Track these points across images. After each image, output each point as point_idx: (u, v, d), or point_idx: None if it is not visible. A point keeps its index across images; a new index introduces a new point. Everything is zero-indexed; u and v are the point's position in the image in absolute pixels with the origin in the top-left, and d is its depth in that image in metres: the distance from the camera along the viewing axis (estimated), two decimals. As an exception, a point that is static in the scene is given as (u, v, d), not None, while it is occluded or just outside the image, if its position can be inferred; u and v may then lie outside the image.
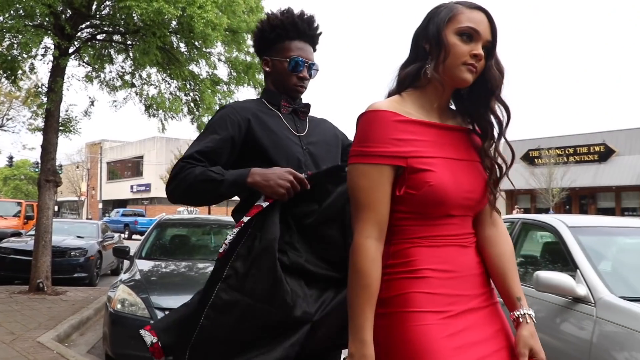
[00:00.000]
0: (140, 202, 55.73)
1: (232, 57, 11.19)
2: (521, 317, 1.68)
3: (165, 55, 10.34)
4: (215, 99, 11.15)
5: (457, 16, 1.68)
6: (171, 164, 46.45)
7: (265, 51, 2.37)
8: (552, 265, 4.15)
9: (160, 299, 5.19)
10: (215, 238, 7.60)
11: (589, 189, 30.24)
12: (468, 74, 1.66)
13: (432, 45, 1.68)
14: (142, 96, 11.44)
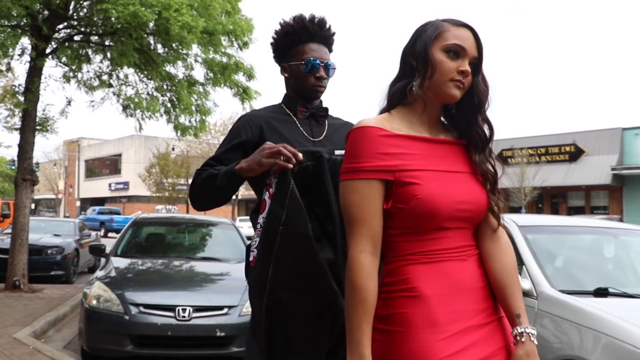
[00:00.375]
0: (119, 200, 55.39)
1: (208, 59, 11.32)
2: (518, 336, 1.65)
3: (143, 57, 10.45)
4: (192, 99, 11.29)
5: (444, 33, 1.70)
6: (149, 162, 46.33)
7: (282, 59, 2.43)
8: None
9: (135, 295, 5.37)
10: (191, 236, 7.77)
11: (560, 188, 30.85)
12: (456, 90, 1.69)
13: (419, 62, 1.71)
14: (119, 96, 11.53)
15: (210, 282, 6.02)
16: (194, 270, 6.39)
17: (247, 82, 11.47)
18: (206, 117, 11.80)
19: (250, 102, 11.97)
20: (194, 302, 5.29)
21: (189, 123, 12.03)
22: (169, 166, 44.03)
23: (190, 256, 7.01)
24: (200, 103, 11.57)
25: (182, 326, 5.14)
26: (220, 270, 6.38)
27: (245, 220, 39.21)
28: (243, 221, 38.80)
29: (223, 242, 7.32)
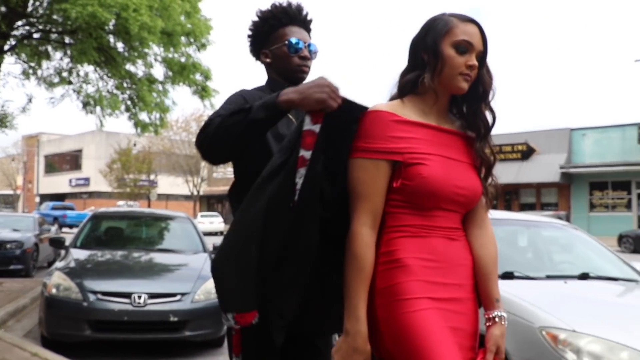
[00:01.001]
0: (79, 196, 54.74)
1: (167, 57, 11.62)
2: (497, 318, 1.84)
3: (103, 55, 10.69)
4: (152, 97, 11.58)
5: (453, 29, 1.81)
6: (111, 158, 45.95)
7: (262, 46, 2.38)
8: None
9: (93, 283, 5.71)
10: (148, 229, 8.11)
11: (513, 185, 31.78)
12: (464, 82, 1.81)
13: (430, 57, 1.82)
14: (79, 93, 11.74)
15: (165, 272, 6.39)
16: (151, 260, 6.75)
17: (205, 82, 11.82)
18: (165, 115, 12.11)
19: (210, 99, 12.33)
20: (149, 290, 5.66)
21: (149, 120, 12.32)
22: (130, 162, 43.76)
23: (148, 248, 7.36)
24: (160, 101, 11.86)
25: (137, 312, 5.51)
26: (175, 260, 6.75)
27: (207, 216, 39.33)
28: (205, 217, 38.91)
29: (179, 235, 7.69)
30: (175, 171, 45.06)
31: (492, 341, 1.80)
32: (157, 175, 47.04)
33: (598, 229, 29.86)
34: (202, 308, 5.77)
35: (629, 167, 28.55)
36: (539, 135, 30.81)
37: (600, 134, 30.69)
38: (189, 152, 44.28)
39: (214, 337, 5.98)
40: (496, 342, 1.80)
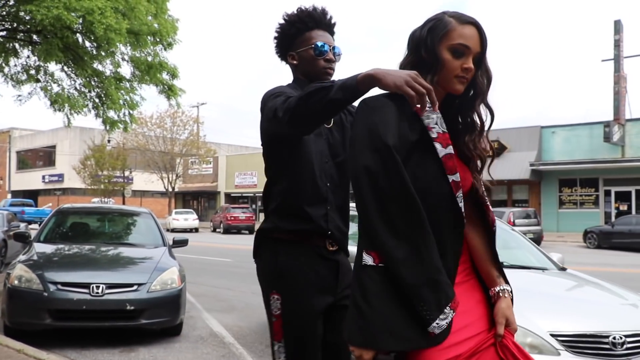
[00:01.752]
0: (53, 193, 54.38)
1: (135, 56, 11.84)
2: (501, 292, 1.89)
3: (70, 53, 10.88)
4: (119, 95, 11.79)
5: (450, 33, 1.82)
6: (84, 154, 45.71)
7: (289, 49, 2.50)
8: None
9: (53, 274, 5.97)
10: (111, 224, 8.36)
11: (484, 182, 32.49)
12: (459, 85, 1.85)
13: (428, 58, 1.85)
14: (47, 91, 11.90)
15: (124, 264, 6.67)
16: (111, 253, 7.01)
17: (171, 81, 12.05)
18: (133, 112, 12.32)
19: (176, 98, 12.57)
20: (107, 280, 5.95)
21: (117, 117, 12.52)
22: (104, 158, 43.59)
23: (110, 242, 7.62)
24: (128, 99, 12.08)
25: (95, 301, 5.80)
26: (135, 254, 7.02)
27: (181, 213, 39.33)
28: (179, 214, 38.91)
29: (141, 230, 7.97)
30: (150, 168, 44.99)
31: (500, 313, 1.86)
32: (131, 171, 46.92)
33: (567, 225, 30.67)
34: (158, 297, 6.08)
35: (597, 165, 29.33)
36: (510, 133, 31.39)
37: (569, 131, 31.46)
38: (163, 148, 44.25)
39: (170, 325, 6.29)
40: (504, 314, 1.86)
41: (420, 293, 1.65)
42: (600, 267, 15.13)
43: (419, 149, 1.78)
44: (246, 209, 37.57)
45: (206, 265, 15.64)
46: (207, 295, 9.83)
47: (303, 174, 2.35)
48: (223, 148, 63.85)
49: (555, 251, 21.26)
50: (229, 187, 48.64)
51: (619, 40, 28.72)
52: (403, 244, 1.67)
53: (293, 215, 2.35)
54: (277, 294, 2.32)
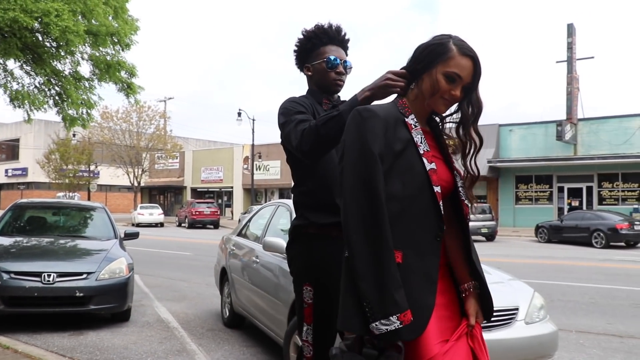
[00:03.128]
0: (16, 187, 53.84)
1: (94, 55, 12.15)
2: (472, 288, 2.03)
3: (29, 52, 11.18)
4: (78, 93, 12.10)
5: (449, 60, 1.94)
6: (49, 148, 45.38)
7: (305, 61, 2.76)
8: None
9: (7, 264, 6.40)
10: (66, 218, 8.77)
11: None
12: (443, 106, 2.00)
13: (426, 70, 1.99)
14: (7, 88, 12.16)
15: (75, 254, 7.10)
16: (64, 245, 7.44)
17: (130, 79, 12.41)
18: (92, 110, 12.66)
19: (135, 96, 12.93)
20: (58, 269, 6.41)
21: (77, 115, 12.83)
22: (69, 152, 43.34)
23: (64, 234, 8.04)
24: (86, 98, 12.39)
25: (46, 288, 6.27)
26: (87, 245, 7.48)
27: (146, 207, 39.38)
28: (144, 208, 38.96)
29: (94, 223, 8.41)
30: (116, 162, 44.90)
31: (472, 307, 2.02)
32: (97, 166, 46.75)
33: (523, 220, 31.72)
34: (107, 285, 6.58)
35: (551, 162, 30.39)
36: (468, 130, 32.15)
37: (525, 130, 32.43)
38: (129, 142, 44.20)
39: (118, 310, 6.79)
40: (475, 307, 2.02)
41: (366, 291, 1.77)
42: (540, 260, 16.03)
43: (405, 158, 1.93)
44: (211, 203, 37.86)
45: (166, 258, 16.08)
46: (161, 286, 10.31)
47: (327, 174, 2.57)
48: (191, 143, 63.82)
49: (509, 245, 22.16)
50: (195, 182, 48.83)
51: (572, 43, 29.77)
52: (366, 243, 1.81)
53: (323, 209, 2.57)
54: (309, 286, 2.57)
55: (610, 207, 27.48)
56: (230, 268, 6.76)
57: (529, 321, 4.21)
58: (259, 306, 5.59)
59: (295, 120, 2.42)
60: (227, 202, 47.75)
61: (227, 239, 7.42)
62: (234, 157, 46.07)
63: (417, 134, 1.98)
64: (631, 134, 28.63)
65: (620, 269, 13.83)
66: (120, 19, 12.11)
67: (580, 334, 6.78)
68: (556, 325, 4.54)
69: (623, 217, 22.04)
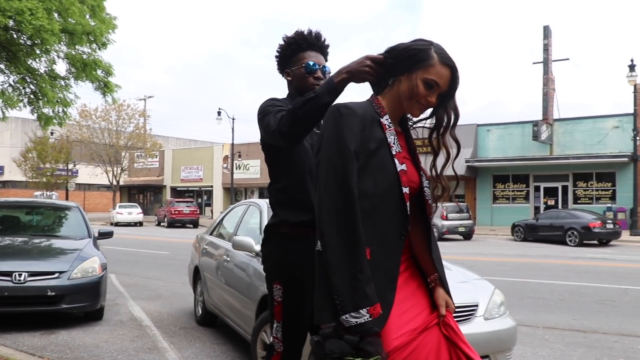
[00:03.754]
0: (-7, 186, 53.14)
1: (70, 54, 12.11)
2: (438, 279, 2.11)
3: (4, 50, 11.12)
4: (54, 92, 12.05)
5: (430, 68, 1.99)
6: (26, 147, 44.88)
7: (285, 67, 2.83)
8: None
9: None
10: (39, 218, 8.75)
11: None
12: (417, 110, 2.05)
13: (403, 75, 2.04)
14: (-21, 86, 12.07)
15: (48, 254, 7.11)
16: (37, 244, 7.44)
17: (107, 78, 12.39)
18: (68, 109, 12.61)
19: (112, 94, 12.91)
20: (29, 269, 6.43)
21: (52, 113, 12.78)
22: (46, 151, 42.90)
23: (37, 234, 8.03)
24: (62, 96, 12.35)
25: (17, 288, 6.28)
26: (60, 245, 7.49)
27: (125, 207, 39.17)
28: (123, 207, 38.74)
29: (68, 223, 8.41)
30: (95, 161, 44.55)
31: (441, 297, 2.09)
32: (75, 164, 46.34)
33: (500, 219, 32.09)
34: (79, 284, 6.60)
35: (527, 162, 30.78)
36: (447, 131, 32.44)
37: (503, 130, 32.82)
38: (108, 141, 43.90)
39: (90, 309, 6.83)
40: (444, 297, 2.09)
41: (338, 283, 1.82)
42: (514, 258, 16.28)
43: (378, 157, 1.99)
44: (190, 203, 37.74)
45: (143, 257, 16.07)
46: (137, 285, 10.34)
47: (301, 171, 2.64)
48: (171, 141, 63.56)
49: (485, 244, 22.40)
50: (175, 181, 48.62)
51: (548, 44, 30.19)
52: (338, 237, 1.85)
53: (296, 207, 2.62)
54: (279, 284, 2.62)
55: (585, 206, 27.94)
56: (203, 267, 6.83)
57: (488, 317, 4.35)
58: (229, 304, 5.67)
59: (275, 111, 2.51)
60: (207, 201, 47.63)
61: (200, 237, 7.49)
62: (214, 156, 45.96)
63: (391, 134, 2.03)
64: (605, 135, 29.13)
65: (590, 267, 14.14)
66: (97, 18, 12.09)
67: (546, 329, 6.95)
68: (515, 321, 4.68)
69: (596, 216, 22.44)
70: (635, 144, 25.99)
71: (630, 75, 26.05)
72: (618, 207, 28.11)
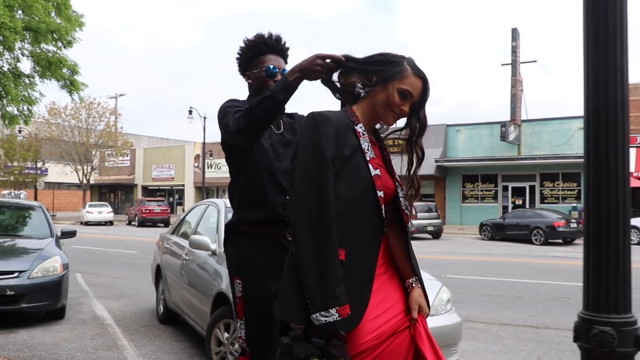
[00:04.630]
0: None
1: (35, 52, 12.02)
2: (414, 283, 2.17)
3: (-34, 48, 11.00)
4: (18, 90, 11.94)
5: (404, 79, 2.10)
6: (-6, 145, 43.99)
7: (246, 69, 2.87)
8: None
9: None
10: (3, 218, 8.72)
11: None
12: (392, 119, 2.14)
13: (378, 84, 2.13)
14: (-58, 84, 11.92)
15: (8, 253, 7.10)
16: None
17: (72, 76, 12.32)
18: (32, 107, 12.51)
19: (78, 93, 12.85)
20: (-12, 268, 6.44)
21: (17, 112, 12.67)
22: (14, 149, 42.16)
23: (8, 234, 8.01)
24: (27, 95, 12.24)
25: (-25, 287, 6.29)
26: (21, 244, 7.48)
27: (95, 205, 38.77)
28: (93, 206, 38.35)
29: (31, 222, 8.40)
30: (65, 159, 43.95)
31: (414, 301, 2.13)
32: (44, 163, 45.67)
33: (469, 218, 32.54)
34: (39, 284, 6.63)
35: (496, 162, 31.24)
36: (417, 130, 32.78)
37: (472, 130, 33.27)
38: (78, 139, 43.37)
39: (51, 308, 6.85)
40: (417, 301, 2.13)
41: (309, 284, 1.89)
42: (479, 257, 16.61)
43: (353, 163, 2.06)
44: (161, 202, 37.53)
45: (110, 257, 16.02)
46: (102, 285, 10.34)
47: (259, 170, 2.70)
48: (144, 140, 63.00)
49: (453, 243, 22.71)
50: (146, 180, 48.26)
51: (516, 46, 30.71)
52: (311, 239, 1.92)
53: (254, 205, 2.69)
54: (239, 279, 2.67)
55: (552, 206, 28.52)
56: (164, 265, 6.90)
57: (434, 313, 4.50)
58: (188, 301, 5.76)
59: (234, 111, 2.55)
60: (178, 200, 47.36)
61: (163, 237, 7.56)
62: (186, 155, 45.73)
63: (365, 141, 2.11)
64: (571, 136, 29.73)
65: (551, 265, 14.51)
66: (62, 16, 12.02)
67: (501, 325, 7.17)
68: (461, 317, 4.85)
69: (561, 215, 22.96)
70: (599, 145, 26.48)
71: (594, 78, 26.56)
72: (582, 207, 28.72)
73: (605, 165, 2.18)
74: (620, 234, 2.18)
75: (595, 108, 2.20)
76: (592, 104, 2.21)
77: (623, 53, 2.19)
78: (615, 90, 2.17)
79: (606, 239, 2.18)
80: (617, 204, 2.16)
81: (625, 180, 2.18)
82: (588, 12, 2.23)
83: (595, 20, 2.20)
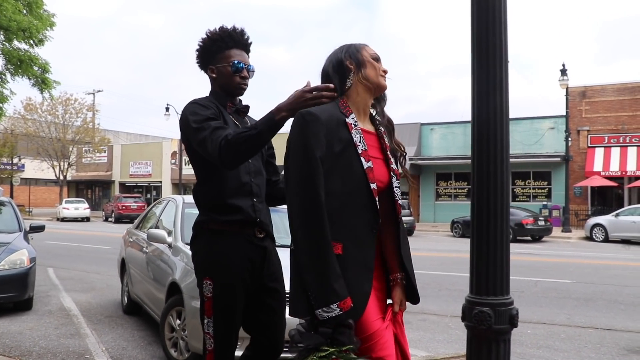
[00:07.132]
0: None
1: (6, 49, 12.15)
2: (399, 278, 2.27)
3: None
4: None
5: (365, 48, 2.26)
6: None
7: (210, 62, 2.79)
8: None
9: None
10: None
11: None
12: (384, 80, 2.24)
13: (354, 64, 2.23)
14: None
15: (-24, 247, 7.33)
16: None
17: (44, 74, 12.47)
18: (4, 104, 12.64)
19: (50, 90, 12.99)
20: (-45, 262, 6.66)
21: (-12, 109, 12.79)
22: (-10, 145, 41.83)
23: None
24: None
25: (-58, 281, 6.51)
26: (-11, 238, 7.71)
27: (72, 202, 38.62)
28: (70, 203, 38.21)
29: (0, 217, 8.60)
30: (41, 155, 43.66)
31: (398, 296, 2.26)
32: (21, 159, 45.34)
33: (442, 216, 33.01)
34: (6, 275, 6.87)
35: (469, 160, 31.27)
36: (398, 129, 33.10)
37: (445, 129, 33.73)
38: (55, 135, 43.12)
39: (18, 299, 7.10)
40: (400, 296, 2.25)
41: (309, 281, 1.97)
42: (447, 253, 17.05)
43: (345, 158, 2.10)
44: (138, 198, 37.58)
45: (84, 252, 16.18)
46: (73, 279, 10.56)
47: (230, 175, 2.66)
48: (122, 136, 62.71)
49: (425, 240, 23.09)
50: (124, 176, 48.15)
51: (489, 47, 31.17)
52: (308, 238, 1.99)
53: (224, 208, 2.66)
54: (209, 280, 2.64)
55: (523, 204, 29.09)
56: (128, 258, 7.19)
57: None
58: (147, 291, 6.06)
59: (210, 127, 2.47)
60: (155, 197, 47.27)
61: (129, 231, 7.82)
62: (163, 151, 45.70)
63: (357, 133, 2.14)
64: (541, 135, 30.37)
65: (514, 261, 14.53)
66: (33, 14, 12.16)
67: (452, 318, 7.51)
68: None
69: (529, 213, 23.48)
70: (567, 145, 27.19)
71: (562, 79, 27.21)
72: (553, 205, 29.38)
73: (487, 167, 2.45)
74: (499, 228, 2.42)
75: (479, 115, 2.52)
76: (477, 112, 2.53)
77: (502, 68, 2.53)
78: (495, 100, 2.50)
79: (487, 233, 2.42)
80: (497, 202, 2.41)
81: (504, 181, 2.44)
82: (474, 33, 2.55)
83: (479, 40, 2.52)
